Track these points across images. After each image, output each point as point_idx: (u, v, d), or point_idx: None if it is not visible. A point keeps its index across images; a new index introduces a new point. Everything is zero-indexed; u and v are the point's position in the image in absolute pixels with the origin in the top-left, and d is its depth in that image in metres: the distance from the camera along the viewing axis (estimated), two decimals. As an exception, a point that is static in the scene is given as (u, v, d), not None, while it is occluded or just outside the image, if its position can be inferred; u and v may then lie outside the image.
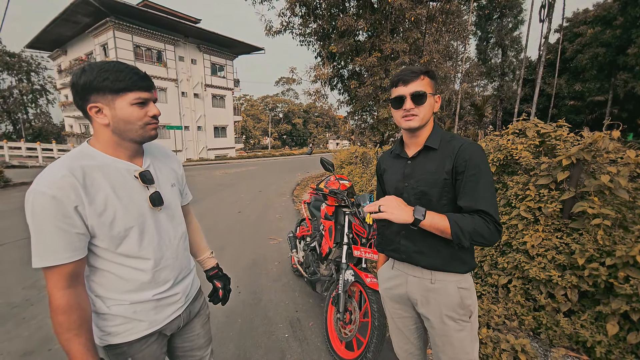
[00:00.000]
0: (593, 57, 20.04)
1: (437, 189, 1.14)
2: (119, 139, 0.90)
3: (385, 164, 1.39)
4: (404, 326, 1.36)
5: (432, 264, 1.18)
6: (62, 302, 0.82)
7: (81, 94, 0.84)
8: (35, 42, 23.85)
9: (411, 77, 1.13)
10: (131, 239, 0.90)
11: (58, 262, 0.79)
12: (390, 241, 1.32)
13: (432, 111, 1.18)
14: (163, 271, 0.99)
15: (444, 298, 1.16)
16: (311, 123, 55.32)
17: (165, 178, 1.05)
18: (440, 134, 1.19)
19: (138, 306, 0.94)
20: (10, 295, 2.94)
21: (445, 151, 1.14)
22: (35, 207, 0.77)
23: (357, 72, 11.30)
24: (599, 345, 1.90)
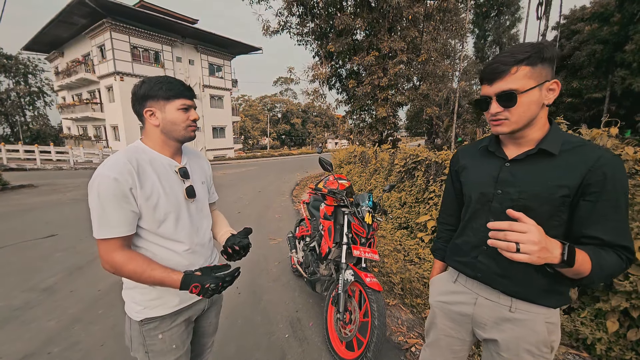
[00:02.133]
0: (590, 54, 20.07)
1: (549, 206, 0.89)
2: (166, 137, 1.09)
3: (465, 160, 1.14)
4: (448, 346, 1.18)
5: (518, 293, 0.97)
6: (122, 258, 0.97)
7: (140, 101, 1.06)
8: (32, 44, 23.74)
9: (498, 73, 0.88)
10: (168, 223, 1.06)
11: (116, 235, 0.96)
12: (462, 253, 1.10)
13: (539, 107, 0.88)
14: (193, 254, 1.14)
15: (525, 332, 0.96)
16: (310, 123, 55.27)
17: (197, 176, 1.22)
18: (563, 136, 0.91)
19: None
20: (10, 297, 2.93)
21: (571, 160, 0.87)
22: (100, 187, 0.93)
23: (355, 71, 11.31)
24: (599, 342, 1.91)
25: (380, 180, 6.21)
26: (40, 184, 10.18)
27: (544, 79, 0.86)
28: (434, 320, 1.22)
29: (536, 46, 0.85)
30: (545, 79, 0.86)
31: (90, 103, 21.50)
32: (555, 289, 0.94)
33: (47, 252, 4.09)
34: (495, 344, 1.03)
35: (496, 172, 1.00)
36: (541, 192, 0.90)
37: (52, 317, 2.61)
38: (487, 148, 1.05)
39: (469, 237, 1.08)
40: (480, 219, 1.03)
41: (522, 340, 0.97)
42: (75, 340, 2.31)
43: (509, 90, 0.86)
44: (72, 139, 23.67)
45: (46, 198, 7.84)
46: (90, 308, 2.77)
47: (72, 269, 3.59)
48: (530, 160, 0.94)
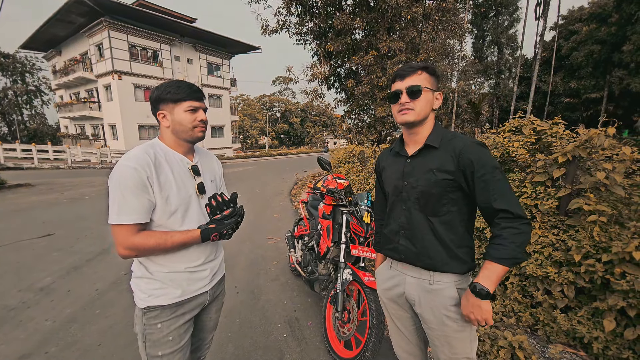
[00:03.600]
0: (588, 54, 20.14)
1: (438, 188, 1.12)
2: (176, 138, 1.17)
3: (384, 162, 1.37)
4: (403, 327, 1.34)
5: (430, 265, 1.16)
6: (139, 239, 1.04)
7: (154, 105, 1.15)
8: (29, 43, 23.61)
9: (408, 72, 1.13)
10: (177, 215, 1.13)
11: (134, 221, 1.02)
12: (389, 240, 1.30)
13: (431, 108, 1.16)
14: (196, 248, 1.19)
15: (442, 300, 1.15)
16: (309, 122, 55.20)
17: (207, 174, 1.29)
18: (442, 133, 1.17)
19: (174, 275, 1.15)
20: (6, 297, 2.91)
21: (447, 150, 1.12)
22: (121, 176, 1.01)
23: (354, 70, 11.30)
24: (596, 341, 1.91)
25: (379, 180, 6.20)
26: (37, 183, 10.13)
27: (435, 88, 1.16)
28: (385, 307, 1.41)
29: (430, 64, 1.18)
30: (436, 88, 1.17)
31: (88, 102, 21.41)
32: (458, 257, 1.14)
33: (44, 252, 4.07)
34: (423, 317, 1.21)
35: (402, 167, 1.23)
36: (430, 178, 1.13)
37: (49, 317, 2.60)
38: (395, 150, 1.29)
39: (392, 225, 1.28)
40: (397, 208, 1.25)
41: (442, 307, 1.15)
42: (72, 340, 2.30)
43: (417, 85, 1.11)
44: (69, 138, 23.56)
45: (43, 197, 7.80)
46: (88, 308, 2.75)
47: (69, 268, 3.58)
48: (422, 154, 1.18)
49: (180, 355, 1.19)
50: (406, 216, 1.21)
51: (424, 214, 1.17)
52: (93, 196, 8.03)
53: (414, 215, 1.19)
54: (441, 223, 1.15)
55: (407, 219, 1.21)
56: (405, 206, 1.21)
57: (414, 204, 1.18)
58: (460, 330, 1.14)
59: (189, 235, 1.11)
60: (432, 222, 1.16)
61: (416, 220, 1.19)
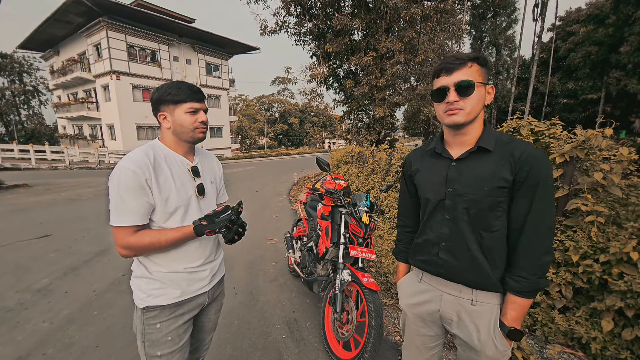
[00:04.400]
0: (586, 55, 20.25)
1: (491, 198, 0.98)
2: (177, 139, 1.17)
3: (417, 164, 1.21)
4: (423, 345, 1.22)
5: (475, 283, 1.04)
6: (134, 238, 1.05)
7: (155, 106, 1.15)
8: (27, 43, 23.51)
9: (456, 65, 0.97)
10: (177, 217, 1.13)
11: (132, 223, 1.03)
12: (423, 251, 1.16)
13: (483, 104, 1.01)
14: (196, 249, 1.21)
15: (486, 322, 1.03)
16: (307, 122, 55.20)
17: (207, 175, 1.29)
18: (496, 134, 1.03)
19: (173, 275, 1.16)
20: (4, 299, 2.90)
21: (503, 155, 0.98)
22: (120, 178, 1.02)
23: (353, 71, 11.32)
24: (594, 341, 1.92)
25: (378, 180, 6.21)
26: (34, 183, 10.09)
27: (486, 81, 1.00)
28: (406, 322, 1.28)
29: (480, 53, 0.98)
30: (487, 81, 1.00)
31: (86, 102, 21.34)
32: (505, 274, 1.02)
33: (41, 253, 4.05)
34: (464, 339, 1.08)
35: (445, 171, 1.08)
36: (482, 185, 0.99)
37: (46, 319, 2.59)
38: (435, 150, 1.13)
39: (429, 235, 1.13)
40: (437, 217, 1.11)
41: (484, 331, 1.03)
42: (70, 342, 2.28)
43: (468, 80, 0.95)
44: (67, 138, 23.45)
45: (41, 198, 7.77)
46: (85, 309, 2.74)
47: (67, 269, 3.56)
48: (472, 158, 1.03)
49: (179, 355, 1.19)
50: (449, 227, 1.07)
51: (473, 226, 1.02)
52: (91, 197, 8.00)
53: (460, 227, 1.04)
54: (492, 238, 1.01)
55: (450, 230, 1.07)
56: (449, 216, 1.06)
57: (462, 215, 1.03)
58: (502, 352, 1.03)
59: (182, 231, 1.10)
60: (482, 236, 1.02)
61: (462, 232, 1.04)
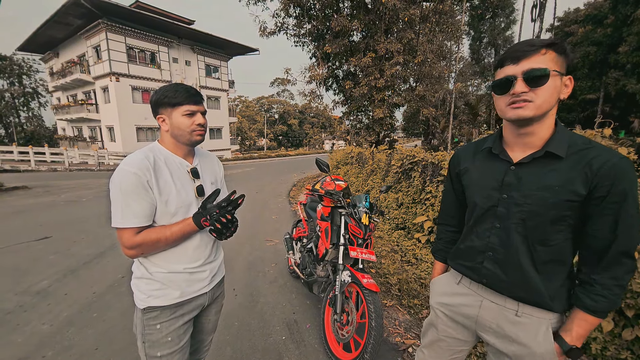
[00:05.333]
0: (584, 55, 20.29)
1: (555, 211, 0.86)
2: (176, 141, 1.18)
3: (467, 162, 1.09)
4: (448, 347, 1.16)
5: (524, 298, 0.94)
6: (141, 237, 1.06)
7: (153, 109, 1.17)
8: (26, 45, 23.53)
9: (527, 52, 0.82)
10: (177, 218, 1.14)
11: (137, 224, 1.05)
12: (466, 257, 1.08)
13: (558, 98, 0.85)
14: (196, 249, 1.21)
15: (530, 338, 0.93)
16: (307, 124, 55.24)
17: (207, 176, 1.30)
18: (569, 137, 0.88)
19: (173, 275, 1.16)
20: (3, 301, 2.89)
21: (577, 163, 0.84)
22: (122, 181, 1.03)
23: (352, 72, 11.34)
24: (594, 341, 1.92)
25: (377, 181, 6.22)
26: (34, 185, 10.07)
27: (564, 71, 0.84)
28: (435, 321, 1.19)
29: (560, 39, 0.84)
30: (565, 71, 0.84)
31: (85, 104, 21.34)
32: (559, 292, 0.92)
33: (41, 255, 4.05)
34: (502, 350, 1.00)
35: (501, 175, 0.96)
36: (548, 197, 0.86)
37: (46, 321, 2.58)
38: (491, 150, 1.00)
39: (474, 242, 1.04)
40: (486, 224, 1.00)
41: (526, 345, 0.94)
42: (69, 344, 2.28)
43: (541, 68, 0.80)
44: (66, 140, 23.44)
45: (40, 200, 7.76)
46: (85, 311, 2.74)
47: (66, 271, 3.55)
48: (536, 164, 0.90)
49: (179, 356, 1.20)
50: (499, 237, 0.96)
51: (528, 239, 0.91)
52: (90, 198, 7.99)
53: (512, 238, 0.93)
54: (549, 252, 0.90)
55: (500, 240, 0.96)
56: (500, 224, 0.96)
57: (517, 226, 0.92)
58: None
59: (184, 223, 1.12)
60: (536, 250, 0.91)
61: (514, 244, 0.93)
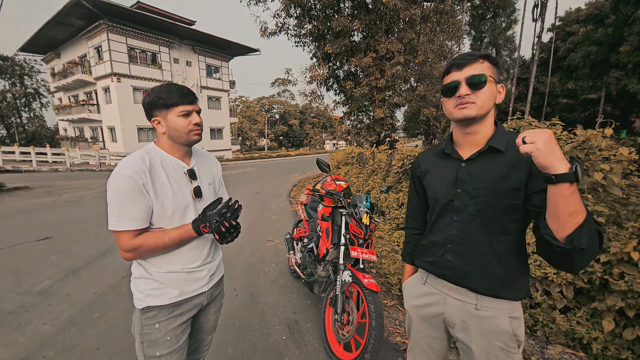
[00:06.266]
0: (585, 55, 20.25)
1: (505, 200, 0.95)
2: (173, 142, 1.17)
3: (427, 165, 1.20)
4: (429, 347, 1.22)
5: (482, 288, 1.01)
6: (138, 240, 1.06)
7: (147, 112, 1.15)
8: (28, 46, 23.61)
9: (468, 60, 0.97)
10: (175, 219, 1.14)
11: (134, 227, 1.05)
12: (429, 252, 1.15)
13: (494, 102, 0.99)
14: (193, 249, 1.21)
15: (491, 328, 1.00)
16: (307, 124, 55.26)
17: (205, 177, 1.29)
18: (508, 135, 1.00)
19: (172, 275, 1.16)
20: (5, 301, 2.90)
21: (518, 156, 0.92)
22: (119, 184, 1.03)
23: (353, 72, 11.34)
24: (595, 341, 1.92)
25: (378, 181, 6.21)
26: (35, 186, 10.11)
27: (497, 79, 0.99)
28: (411, 323, 1.28)
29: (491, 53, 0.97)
30: (498, 80, 0.99)
31: (87, 104, 21.39)
32: (515, 280, 1.00)
33: (42, 255, 4.06)
34: (466, 344, 1.07)
35: (454, 172, 1.06)
36: (495, 187, 0.96)
37: (47, 321, 2.59)
38: (444, 151, 1.12)
39: (436, 236, 1.12)
40: (445, 218, 1.09)
41: (489, 336, 1.01)
42: (71, 344, 2.29)
43: (480, 74, 0.95)
44: (68, 140, 23.51)
45: (41, 200, 7.78)
46: (86, 311, 2.74)
47: (68, 271, 3.56)
48: (483, 158, 1.01)
49: (178, 355, 1.20)
50: (458, 229, 1.05)
51: (485, 230, 1.00)
52: (91, 199, 8.01)
53: (470, 230, 1.02)
54: (505, 243, 0.98)
55: (459, 232, 1.05)
56: (457, 217, 1.04)
57: (473, 217, 1.01)
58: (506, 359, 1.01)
59: (183, 229, 1.12)
60: (495, 239, 0.99)
61: (473, 235, 1.02)
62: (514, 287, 0.99)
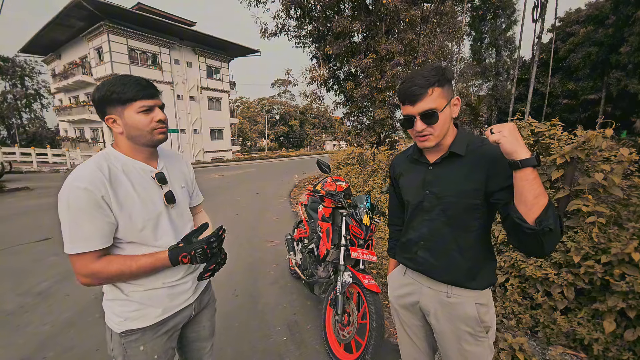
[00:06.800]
0: (586, 56, 20.26)
1: (467, 200, 1.03)
2: (134, 144, 1.02)
3: (401, 168, 1.28)
4: (414, 334, 1.29)
5: (450, 280, 1.11)
6: (99, 265, 0.92)
7: (99, 109, 0.99)
8: (29, 47, 23.67)
9: (418, 96, 0.99)
10: (147, 231, 1.00)
11: (91, 249, 0.90)
12: (406, 250, 1.24)
13: (450, 120, 1.05)
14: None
15: (460, 313, 1.09)
16: (308, 124, 55.29)
17: (176, 179, 1.16)
18: (467, 139, 1.08)
19: (152, 292, 1.04)
20: (4, 302, 2.90)
21: (476, 159, 1.03)
22: (70, 199, 0.87)
23: (353, 73, 11.33)
24: (596, 342, 1.91)
25: (379, 182, 6.21)
26: (36, 186, 10.11)
27: (450, 96, 1.03)
28: (395, 314, 1.36)
29: (440, 70, 1.00)
30: (451, 96, 1.03)
31: (87, 105, 21.41)
32: (479, 271, 1.09)
33: (42, 256, 4.06)
34: (438, 329, 1.16)
35: (423, 175, 1.15)
36: (457, 188, 1.05)
37: (47, 322, 2.59)
38: (413, 156, 1.20)
39: (410, 235, 1.21)
40: (417, 218, 1.18)
41: (458, 321, 1.10)
42: (70, 345, 2.28)
43: (430, 109, 0.99)
44: (68, 141, 23.55)
45: (41, 201, 7.78)
46: (86, 312, 2.74)
47: (67, 272, 3.55)
48: (446, 162, 1.09)
49: None
50: (428, 227, 1.14)
51: (450, 227, 1.09)
52: (92, 199, 8.01)
53: (437, 228, 1.11)
54: (469, 239, 1.07)
55: (429, 230, 1.14)
56: (427, 217, 1.13)
57: (439, 216, 1.10)
58: (476, 344, 1.10)
59: (156, 257, 0.97)
60: (459, 236, 1.08)
61: (440, 233, 1.11)
62: (477, 278, 1.08)
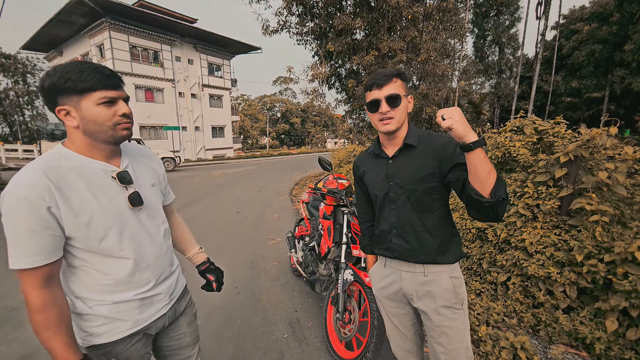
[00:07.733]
0: (590, 53, 20.10)
1: (425, 185, 1.17)
2: (92, 140, 0.89)
3: (364, 166, 1.39)
4: (400, 324, 1.38)
5: (425, 260, 1.22)
6: (38, 301, 0.80)
7: (48, 98, 0.84)
8: (30, 44, 23.68)
9: (384, 80, 1.15)
10: (110, 239, 0.89)
11: (32, 265, 0.78)
12: (382, 240, 1.34)
13: (407, 112, 1.21)
14: (144, 271, 0.98)
15: (438, 288, 1.21)
16: (309, 122, 55.24)
17: (145, 178, 1.05)
18: (418, 132, 1.24)
19: (121, 306, 0.94)
20: (7, 298, 2.92)
21: (427, 148, 1.18)
22: (9, 209, 0.76)
23: (355, 70, 11.29)
24: (598, 341, 1.90)
25: (380, 180, 6.19)
26: None
27: (408, 93, 1.21)
28: (381, 306, 1.44)
29: (401, 70, 1.21)
30: (408, 93, 1.21)
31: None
32: (447, 248, 1.22)
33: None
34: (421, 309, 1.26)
35: (385, 169, 1.27)
36: (415, 175, 1.18)
37: (50, 318, 2.60)
38: (374, 152, 1.33)
39: (382, 225, 1.31)
40: (386, 209, 1.29)
41: (438, 297, 1.21)
42: (73, 341, 2.29)
43: (394, 93, 1.14)
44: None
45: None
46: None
47: (71, 269, 3.57)
48: (403, 154, 1.23)
49: None
50: (397, 215, 1.25)
51: (415, 212, 1.21)
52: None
53: (405, 214, 1.23)
54: (433, 218, 1.21)
55: (397, 218, 1.25)
56: (394, 206, 1.25)
57: (405, 203, 1.22)
58: (455, 318, 1.21)
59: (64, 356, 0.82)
60: (424, 218, 1.20)
61: (408, 218, 1.23)
62: (447, 253, 1.21)
